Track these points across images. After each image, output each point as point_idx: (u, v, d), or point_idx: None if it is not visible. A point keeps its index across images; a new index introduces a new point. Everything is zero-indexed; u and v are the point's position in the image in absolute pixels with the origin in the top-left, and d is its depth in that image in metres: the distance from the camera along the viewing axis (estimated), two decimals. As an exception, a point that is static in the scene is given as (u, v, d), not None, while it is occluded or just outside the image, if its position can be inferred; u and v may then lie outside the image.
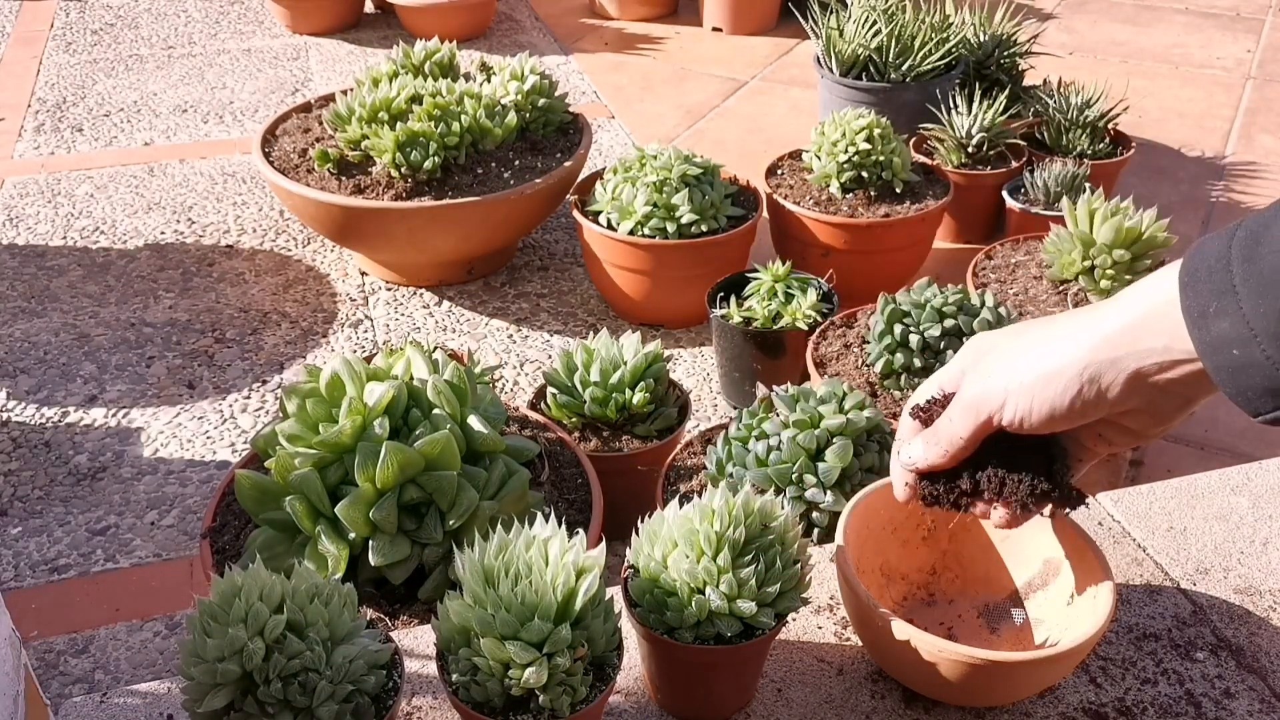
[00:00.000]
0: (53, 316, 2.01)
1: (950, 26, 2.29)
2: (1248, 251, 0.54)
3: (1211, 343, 0.55)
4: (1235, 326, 0.54)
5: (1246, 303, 0.53)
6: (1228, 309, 0.54)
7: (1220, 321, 0.54)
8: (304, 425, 0.96)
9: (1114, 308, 0.61)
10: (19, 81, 3.05)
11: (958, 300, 1.35)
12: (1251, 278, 0.53)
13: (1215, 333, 0.55)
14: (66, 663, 1.33)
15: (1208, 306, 0.55)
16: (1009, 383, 0.65)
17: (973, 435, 0.69)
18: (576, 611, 0.71)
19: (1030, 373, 0.64)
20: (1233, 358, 0.54)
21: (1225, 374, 0.55)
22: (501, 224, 1.96)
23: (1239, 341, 0.54)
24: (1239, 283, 0.54)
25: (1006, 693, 0.80)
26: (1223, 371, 0.55)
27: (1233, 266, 0.55)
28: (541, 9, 3.61)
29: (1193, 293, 0.56)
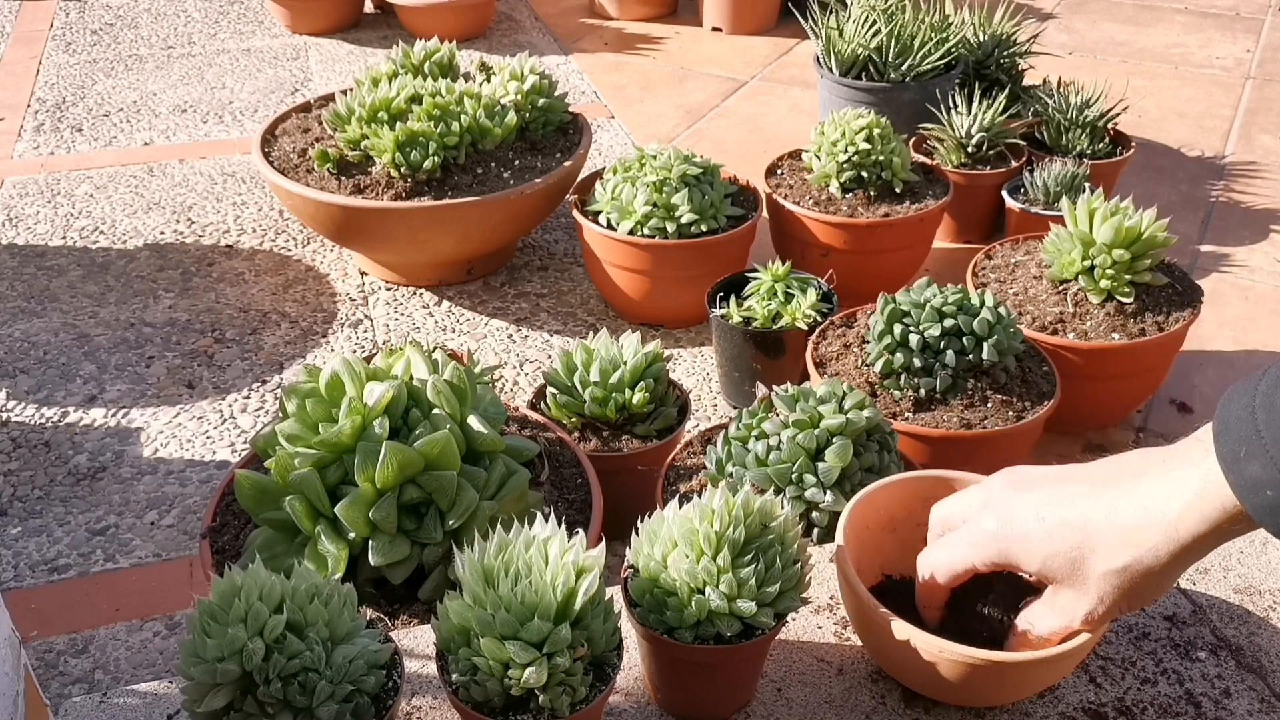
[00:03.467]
0: (52, 316, 2.01)
1: (950, 26, 2.29)
2: (1269, 398, 0.59)
3: (1247, 485, 0.59)
4: (1265, 469, 0.58)
5: (1272, 446, 0.58)
6: (1256, 454, 0.58)
7: (1251, 465, 0.59)
8: (304, 425, 0.96)
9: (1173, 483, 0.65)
10: (18, 81, 3.05)
11: (957, 300, 1.35)
12: (1273, 422, 0.58)
13: (1248, 476, 0.59)
14: (66, 663, 1.33)
15: (1239, 451, 0.59)
16: (1112, 589, 0.69)
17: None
18: (576, 611, 0.71)
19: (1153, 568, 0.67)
20: (1268, 498, 0.58)
21: (1265, 513, 0.59)
22: (501, 224, 1.96)
23: (1271, 483, 0.58)
24: (1263, 427, 0.58)
25: (1006, 693, 0.80)
26: (1262, 511, 0.59)
27: (1257, 413, 0.59)
28: (541, 9, 3.62)
29: (1225, 439, 0.60)
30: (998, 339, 1.34)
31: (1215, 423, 0.62)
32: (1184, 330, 1.56)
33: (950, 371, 1.35)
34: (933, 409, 1.35)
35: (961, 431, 1.32)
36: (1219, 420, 0.62)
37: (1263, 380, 0.60)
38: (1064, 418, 1.48)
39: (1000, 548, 0.72)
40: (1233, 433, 0.60)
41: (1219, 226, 2.26)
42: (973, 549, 0.74)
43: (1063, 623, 0.73)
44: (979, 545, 0.74)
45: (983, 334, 1.34)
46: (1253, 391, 0.60)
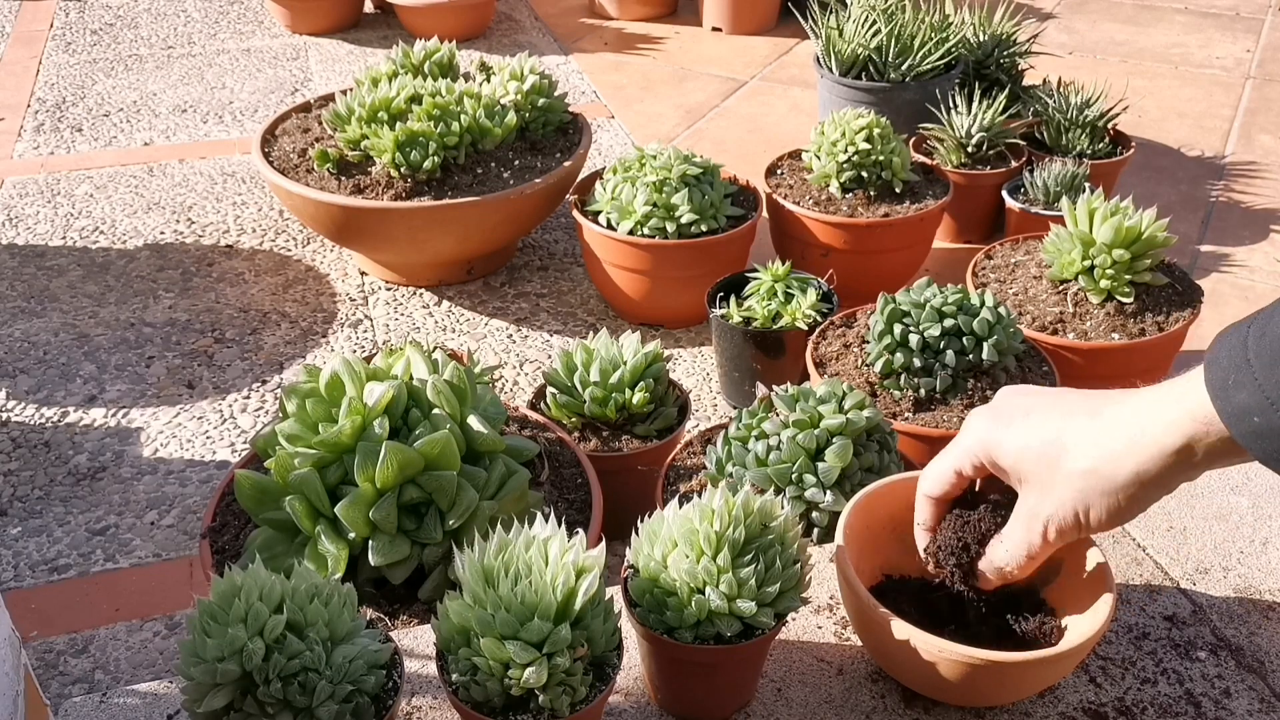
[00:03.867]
0: (52, 316, 2.01)
1: (950, 26, 2.29)
2: (1261, 329, 0.60)
3: (1234, 412, 0.60)
4: (1253, 395, 0.59)
5: (1260, 373, 0.58)
6: (1244, 381, 0.59)
7: (1239, 392, 0.59)
8: (304, 425, 0.96)
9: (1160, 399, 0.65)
10: (19, 81, 3.05)
11: (957, 300, 1.35)
12: (1264, 351, 0.59)
13: (1236, 402, 0.60)
14: (66, 663, 1.33)
15: (1228, 378, 0.60)
16: (1074, 492, 0.69)
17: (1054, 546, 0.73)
18: (576, 611, 0.71)
19: (1114, 482, 0.67)
20: (1255, 425, 0.59)
21: (1251, 439, 0.59)
22: (501, 224, 1.96)
23: (1258, 409, 0.58)
24: (1253, 356, 0.59)
25: (1006, 693, 0.80)
26: (1248, 438, 0.60)
27: (1249, 343, 0.60)
28: (541, 9, 3.62)
29: (1215, 368, 0.61)
30: (998, 339, 1.34)
31: (1207, 354, 0.62)
32: (1184, 330, 1.56)
33: (950, 371, 1.35)
34: (933, 409, 1.35)
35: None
36: (1210, 351, 0.62)
37: (1257, 316, 0.61)
38: (1064, 418, 1.47)
39: (985, 443, 0.73)
40: (1223, 362, 0.61)
41: (1219, 226, 2.26)
42: (961, 448, 0.75)
43: (1024, 535, 0.72)
44: (966, 441, 0.75)
45: (983, 334, 1.34)
46: (1246, 325, 0.61)
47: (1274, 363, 0.58)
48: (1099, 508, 0.67)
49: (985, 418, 0.74)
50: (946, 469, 0.76)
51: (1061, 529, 0.70)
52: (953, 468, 0.76)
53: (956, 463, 0.76)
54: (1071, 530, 0.70)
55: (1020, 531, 0.73)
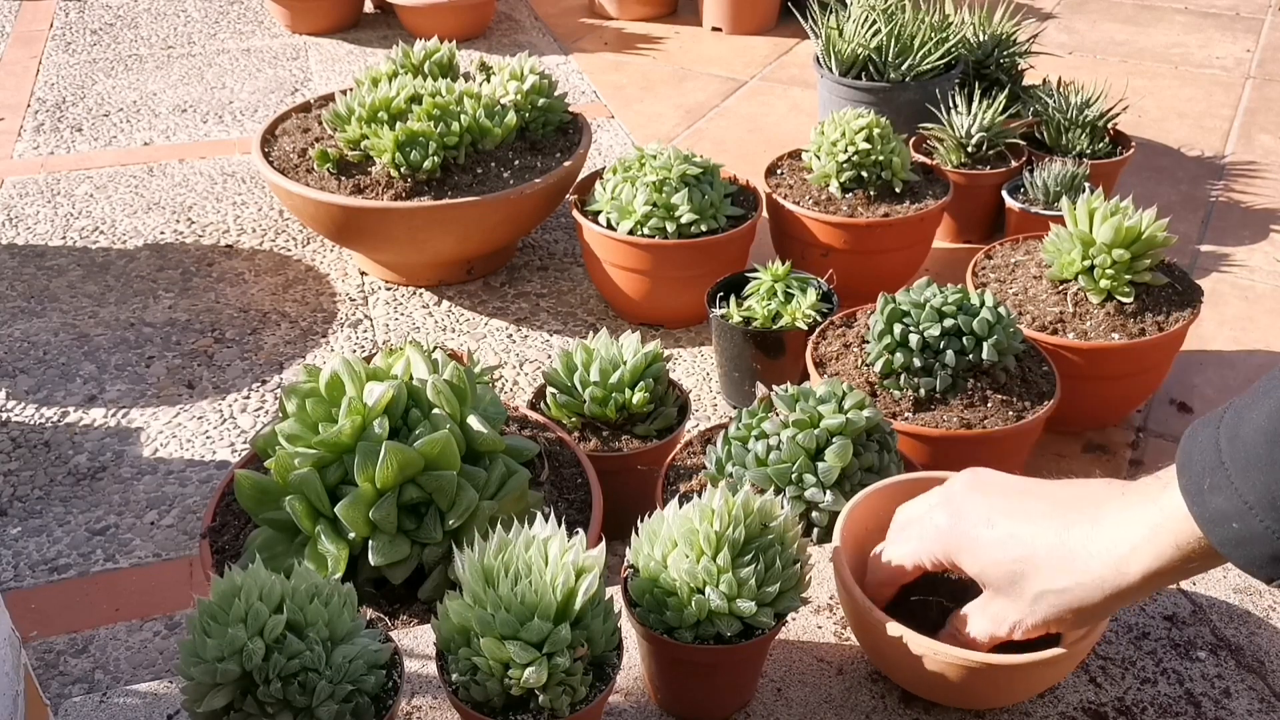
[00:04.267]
0: (52, 316, 2.01)
1: (950, 26, 2.29)
2: (1231, 431, 0.58)
3: (1211, 518, 0.58)
4: (1230, 501, 0.57)
5: (1236, 477, 0.57)
6: (1220, 485, 0.57)
7: (1215, 497, 0.58)
8: (303, 425, 0.96)
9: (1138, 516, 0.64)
10: (18, 81, 3.05)
11: (957, 300, 1.35)
12: (1237, 454, 0.57)
13: (1213, 508, 0.58)
14: (66, 663, 1.33)
15: (1203, 483, 0.58)
16: (1046, 608, 0.69)
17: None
18: (576, 611, 0.71)
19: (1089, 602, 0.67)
20: (1234, 531, 0.57)
21: (1230, 546, 0.58)
22: (501, 224, 1.96)
23: (1236, 515, 0.57)
24: (1227, 459, 0.57)
25: (1004, 695, 0.80)
26: (1228, 544, 0.58)
27: (1220, 444, 0.58)
28: (541, 9, 3.61)
29: (1188, 473, 0.60)
30: (997, 339, 1.34)
31: (1179, 456, 0.61)
32: (1184, 330, 1.56)
33: (950, 371, 1.35)
34: (933, 409, 1.35)
35: (961, 431, 1.32)
36: (1182, 454, 0.61)
37: (1226, 413, 0.59)
38: (1064, 418, 1.48)
39: (946, 545, 0.73)
40: (1196, 465, 0.59)
41: (1219, 226, 2.26)
42: (920, 544, 0.75)
43: (990, 630, 0.73)
44: (927, 540, 0.75)
45: (983, 334, 1.34)
46: (1216, 424, 0.59)
47: (1249, 465, 0.56)
48: (1071, 621, 0.69)
49: (945, 517, 0.74)
50: (906, 564, 0.77)
51: (1028, 632, 0.71)
52: (912, 563, 0.76)
53: (916, 558, 0.76)
54: (1039, 632, 0.71)
55: (986, 624, 0.73)
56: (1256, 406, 0.57)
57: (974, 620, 0.75)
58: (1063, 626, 0.70)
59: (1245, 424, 0.57)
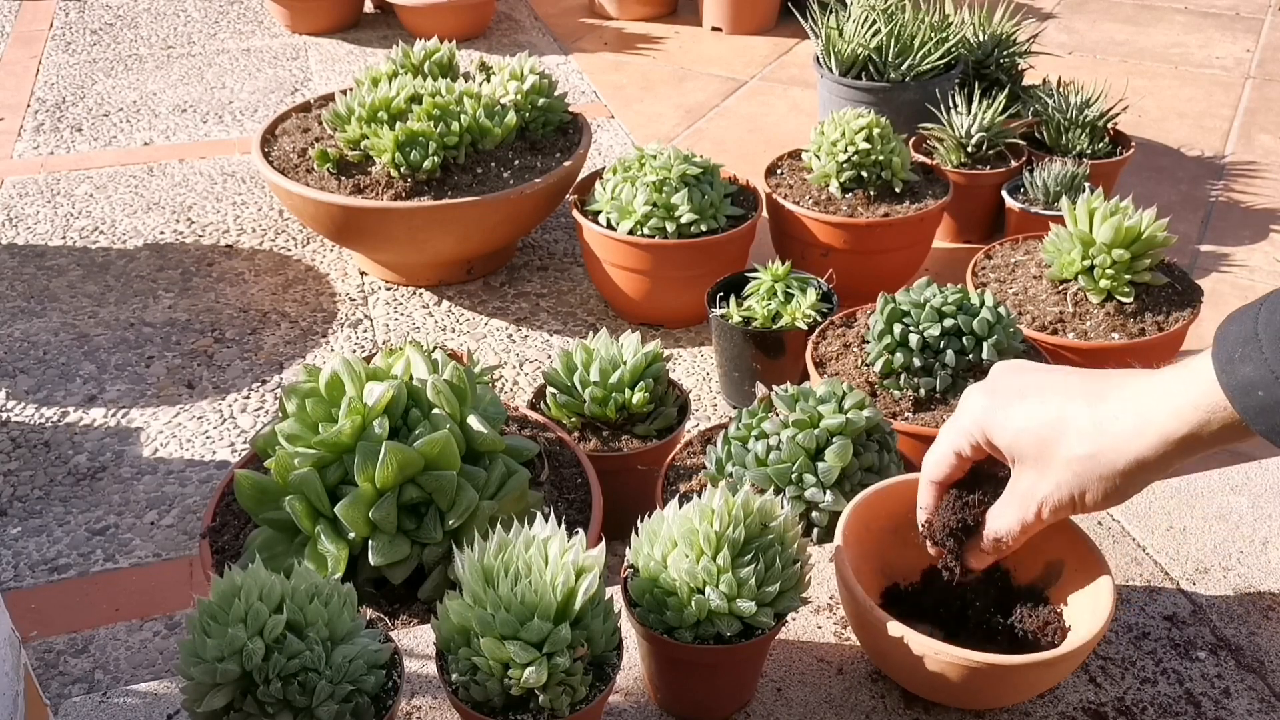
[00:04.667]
0: (52, 316, 2.01)
1: (950, 26, 2.29)
2: (1273, 306, 0.60)
3: (1239, 385, 0.60)
4: (1258, 370, 0.59)
5: (1268, 348, 0.59)
6: (1251, 355, 0.59)
7: (1244, 366, 0.60)
8: (303, 425, 0.96)
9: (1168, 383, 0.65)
10: (18, 81, 3.05)
11: (957, 300, 1.35)
12: (1273, 326, 0.59)
13: (1240, 376, 0.60)
14: (66, 663, 1.33)
15: (1234, 353, 0.60)
16: (1072, 476, 0.69)
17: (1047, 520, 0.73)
18: (576, 611, 0.70)
19: (1114, 468, 0.67)
20: (1259, 399, 0.59)
21: (1254, 413, 0.60)
22: (501, 224, 1.96)
23: (1263, 384, 0.59)
24: (1261, 330, 0.59)
25: (1004, 695, 0.80)
26: (1251, 411, 0.60)
27: (1260, 318, 0.60)
28: (541, 9, 3.62)
29: (1223, 343, 0.61)
30: (997, 339, 1.34)
31: (1216, 332, 0.62)
32: (1184, 330, 1.56)
33: (950, 371, 1.35)
34: (933, 409, 1.35)
35: (961, 431, 1.32)
36: (1219, 329, 0.62)
37: (1271, 295, 0.61)
38: (1064, 417, 1.47)
39: (981, 422, 0.73)
40: (1230, 338, 0.61)
41: (1219, 226, 2.26)
42: (957, 429, 0.75)
43: (1019, 514, 0.72)
44: (964, 420, 0.75)
45: (982, 334, 1.34)
46: (1259, 304, 0.61)
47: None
48: (1095, 491, 0.68)
49: (981, 396, 0.74)
50: (946, 452, 0.77)
51: (1056, 509, 0.71)
52: (952, 449, 0.76)
53: (954, 444, 0.76)
54: (1065, 510, 0.70)
55: (1015, 509, 0.73)
56: None
57: (1002, 512, 0.74)
58: (1089, 503, 0.69)
59: None
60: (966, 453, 0.75)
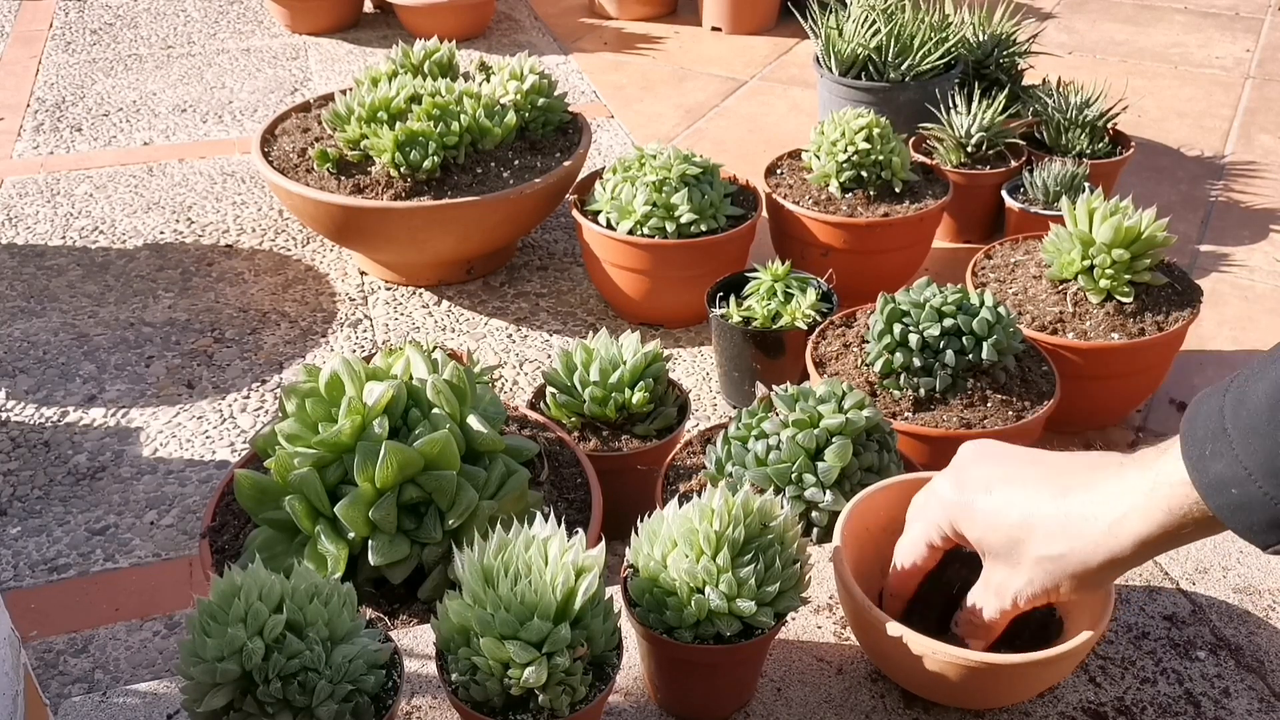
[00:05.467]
0: (52, 316, 2.01)
1: (949, 26, 2.29)
2: (1237, 397, 0.58)
3: (1211, 484, 0.58)
4: (1230, 467, 0.57)
5: (1238, 444, 0.57)
6: (1221, 451, 0.58)
7: (1216, 463, 0.58)
8: (303, 425, 0.96)
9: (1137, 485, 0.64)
10: (18, 81, 3.05)
11: (957, 300, 1.35)
12: (1240, 420, 0.57)
13: (1213, 474, 0.58)
14: (66, 662, 1.33)
15: (1204, 449, 0.59)
16: (1044, 575, 0.70)
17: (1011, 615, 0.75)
18: (576, 611, 0.71)
19: (1087, 567, 0.67)
20: (1232, 497, 0.57)
21: (1228, 512, 0.58)
22: (501, 224, 1.96)
23: (1236, 481, 0.57)
24: (1229, 424, 0.58)
25: (1003, 695, 0.80)
26: (1225, 510, 0.58)
27: (1225, 412, 0.58)
28: (541, 9, 3.61)
29: (1191, 439, 0.60)
30: (997, 339, 1.34)
31: (1183, 423, 0.62)
32: (1183, 330, 1.56)
33: (950, 371, 1.35)
34: (932, 409, 1.35)
35: (961, 431, 1.32)
36: (1186, 420, 0.61)
37: (1233, 382, 0.60)
38: (1064, 417, 1.48)
39: (949, 514, 0.74)
40: (1199, 432, 0.60)
41: (1219, 226, 2.26)
42: (927, 519, 0.76)
43: (996, 604, 0.73)
44: (932, 512, 0.76)
45: (982, 334, 1.34)
46: (1223, 392, 0.60)
47: (1251, 432, 0.56)
48: (1069, 586, 0.69)
49: (949, 488, 0.74)
50: (918, 541, 0.78)
51: (1031, 600, 0.72)
52: (924, 540, 0.77)
53: (925, 535, 0.77)
54: (1041, 600, 0.71)
55: (990, 600, 0.74)
56: (1263, 376, 0.58)
57: (979, 600, 0.75)
58: (1062, 594, 0.70)
59: (1250, 393, 0.58)
60: (937, 543, 0.76)
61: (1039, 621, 0.80)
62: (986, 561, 0.73)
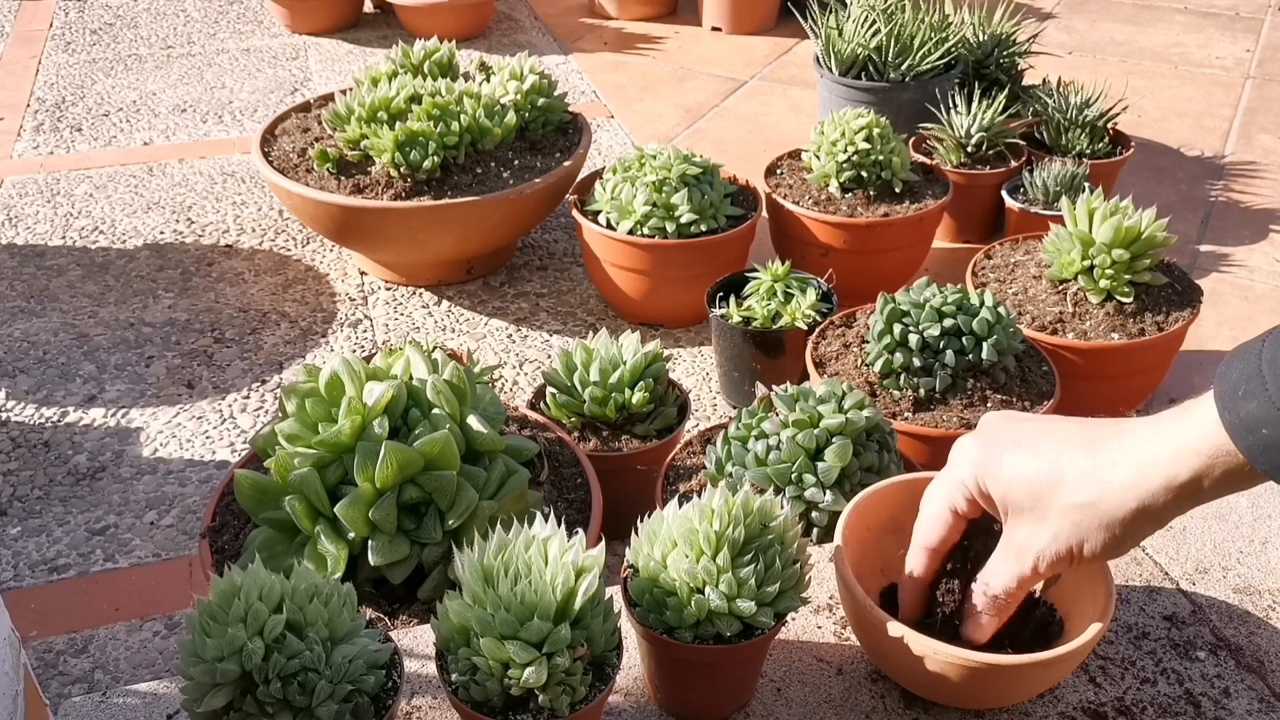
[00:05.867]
0: (52, 316, 2.01)
1: (949, 26, 2.29)
2: (1277, 344, 0.58)
3: (1242, 424, 0.58)
4: (1263, 407, 0.57)
5: (1272, 384, 0.57)
6: (1255, 392, 0.58)
7: (1249, 403, 0.58)
8: (303, 425, 0.96)
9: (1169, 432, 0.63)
10: (18, 81, 3.05)
11: (957, 300, 1.35)
12: (1278, 362, 0.57)
13: (1244, 414, 0.58)
14: (66, 663, 1.33)
15: (1237, 390, 0.58)
16: (1070, 526, 0.67)
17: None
18: (576, 611, 0.71)
19: (1114, 516, 0.65)
20: (1263, 437, 0.57)
21: (1258, 452, 0.58)
22: (501, 224, 1.96)
23: (1268, 421, 0.57)
24: (1265, 367, 0.58)
25: (1004, 695, 0.80)
26: (1255, 450, 0.58)
27: (1262, 354, 0.58)
28: (540, 8, 3.61)
29: (1225, 381, 0.60)
30: (997, 339, 1.34)
31: (1218, 370, 0.61)
32: (1183, 330, 1.56)
33: (950, 371, 1.35)
34: (932, 409, 1.35)
35: (961, 431, 1.32)
36: (1222, 365, 0.61)
37: (1271, 333, 0.60)
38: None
39: (975, 471, 0.71)
40: (1233, 375, 0.59)
41: (1219, 226, 2.26)
42: (952, 480, 0.73)
43: (1015, 568, 0.70)
44: (957, 474, 0.73)
45: (982, 334, 1.34)
46: (1261, 341, 0.60)
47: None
48: (1094, 541, 0.66)
49: (973, 446, 0.72)
50: (941, 510, 0.75)
51: (1053, 562, 0.68)
52: (947, 506, 0.74)
53: (949, 499, 0.74)
54: (1062, 563, 0.68)
55: (1010, 564, 0.71)
56: None
57: (997, 568, 0.72)
58: (1086, 553, 0.67)
59: None
60: (962, 508, 0.73)
61: (1039, 622, 0.80)
62: (1009, 522, 0.70)
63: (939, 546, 0.76)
